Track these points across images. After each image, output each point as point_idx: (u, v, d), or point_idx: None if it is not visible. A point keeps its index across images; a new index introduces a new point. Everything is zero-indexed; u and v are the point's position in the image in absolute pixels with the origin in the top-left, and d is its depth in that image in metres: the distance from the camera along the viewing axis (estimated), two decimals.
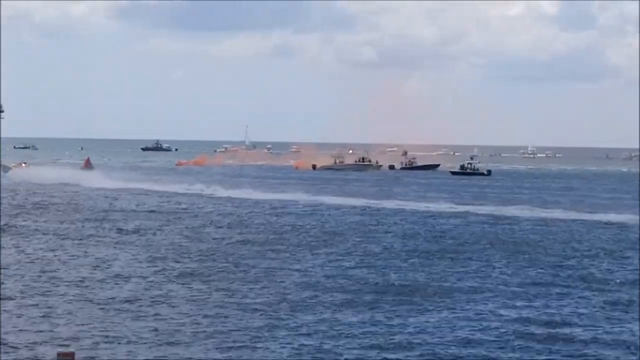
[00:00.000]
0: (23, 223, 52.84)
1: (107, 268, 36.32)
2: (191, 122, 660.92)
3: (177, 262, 38.42)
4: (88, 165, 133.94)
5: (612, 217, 63.55)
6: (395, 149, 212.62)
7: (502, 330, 25.61)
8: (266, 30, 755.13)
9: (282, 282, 33.23)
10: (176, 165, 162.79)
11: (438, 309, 28.69)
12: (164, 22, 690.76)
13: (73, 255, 39.78)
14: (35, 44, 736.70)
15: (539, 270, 37.55)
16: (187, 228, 52.38)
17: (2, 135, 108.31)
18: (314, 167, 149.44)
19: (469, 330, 25.49)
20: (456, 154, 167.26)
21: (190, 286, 32.30)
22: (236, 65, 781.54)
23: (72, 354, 14.61)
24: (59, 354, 14.57)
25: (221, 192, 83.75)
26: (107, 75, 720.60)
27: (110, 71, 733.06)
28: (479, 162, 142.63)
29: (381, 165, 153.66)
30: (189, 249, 42.80)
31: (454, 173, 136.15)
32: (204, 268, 36.57)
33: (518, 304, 29.75)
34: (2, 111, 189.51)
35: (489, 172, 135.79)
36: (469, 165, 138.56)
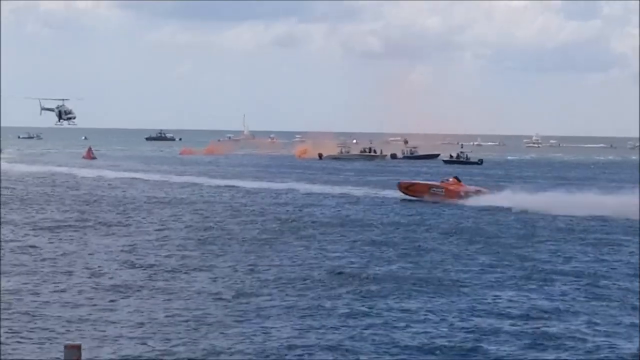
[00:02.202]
0: (22, 213, 52.62)
1: (113, 258, 36.20)
2: (191, 111, 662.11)
3: (183, 252, 38.34)
4: (90, 155, 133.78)
5: (608, 208, 62.08)
6: (398, 138, 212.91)
7: (494, 326, 25.10)
8: (270, 21, 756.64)
9: (278, 274, 32.99)
10: (180, 154, 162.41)
11: (429, 302, 28.29)
12: (167, 14, 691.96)
13: (78, 245, 39.64)
14: (40, 34, 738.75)
15: (529, 264, 36.59)
16: (195, 218, 52.32)
17: (8, 125, 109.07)
18: (320, 156, 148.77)
19: (461, 327, 24.96)
20: (460, 143, 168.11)
21: (198, 276, 32.20)
22: (239, 55, 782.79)
23: (78, 346, 14.51)
24: (66, 346, 14.48)
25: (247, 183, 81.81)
26: (110, 65, 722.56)
27: (113, 62, 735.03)
28: (470, 152, 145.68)
29: (386, 155, 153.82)
30: (198, 238, 42.74)
31: (446, 162, 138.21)
32: (207, 260, 36.46)
33: (510, 299, 29.06)
34: (75, 117, 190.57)
35: (481, 161, 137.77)
36: (462, 155, 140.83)
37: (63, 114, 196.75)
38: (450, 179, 66.76)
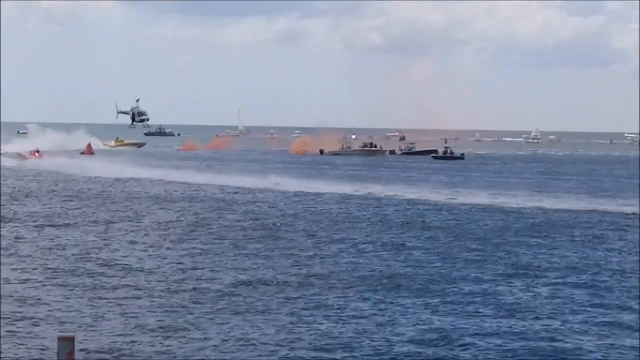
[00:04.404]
0: (19, 208, 52.60)
1: (108, 254, 36.35)
2: (190, 107, 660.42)
3: (181, 249, 38.52)
4: (89, 150, 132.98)
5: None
6: (397, 133, 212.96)
7: (484, 326, 24.94)
8: (272, 16, 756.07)
9: (274, 274, 32.91)
10: (180, 149, 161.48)
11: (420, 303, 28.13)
12: (168, 9, 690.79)
13: (74, 240, 39.81)
14: (42, 30, 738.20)
15: (518, 263, 36.04)
16: (192, 215, 52.37)
17: (6, 121, 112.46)
18: (321, 152, 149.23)
19: (453, 326, 24.83)
20: (445, 139, 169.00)
21: (193, 273, 32.41)
22: (241, 51, 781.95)
23: (72, 338, 14.63)
24: (59, 339, 14.59)
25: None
26: (112, 61, 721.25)
27: (115, 57, 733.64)
28: (454, 147, 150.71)
29: (385, 151, 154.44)
30: (193, 236, 42.81)
31: (435, 157, 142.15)
32: (207, 256, 36.69)
33: (503, 299, 28.73)
34: (148, 119, 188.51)
35: (462, 156, 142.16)
36: (447, 150, 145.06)
37: (136, 116, 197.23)
38: (33, 150, 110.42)
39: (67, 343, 14.39)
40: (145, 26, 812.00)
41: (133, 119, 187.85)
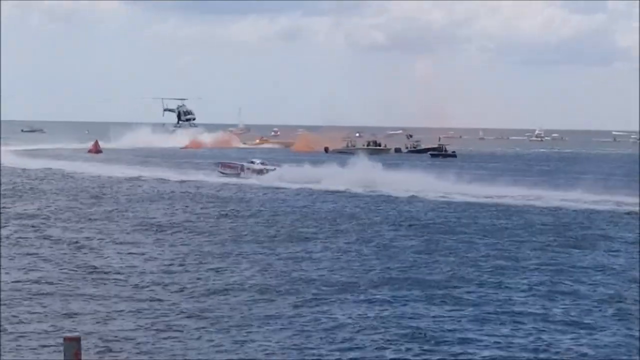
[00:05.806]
0: (21, 209, 52.57)
1: (110, 255, 36.54)
2: (190, 106, 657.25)
3: (185, 249, 38.80)
4: (96, 148, 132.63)
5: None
6: (400, 131, 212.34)
7: (473, 328, 24.85)
8: (273, 15, 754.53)
9: (269, 272, 33.07)
10: (184, 148, 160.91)
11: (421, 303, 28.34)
12: (169, 8, 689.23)
13: (78, 241, 39.92)
14: (43, 30, 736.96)
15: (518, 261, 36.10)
16: (194, 214, 52.59)
17: (11, 119, 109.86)
18: (326, 150, 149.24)
19: (452, 326, 24.91)
20: (439, 137, 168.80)
21: (195, 274, 32.63)
22: (242, 50, 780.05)
23: (78, 338, 14.82)
24: (65, 339, 14.78)
25: None
26: (114, 59, 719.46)
27: (115, 56, 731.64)
28: (448, 145, 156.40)
29: (390, 149, 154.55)
30: (194, 235, 43.11)
31: (432, 155, 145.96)
32: (209, 255, 36.91)
33: (499, 299, 28.74)
34: (194, 118, 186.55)
35: (454, 153, 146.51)
36: (442, 147, 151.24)
37: (182, 115, 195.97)
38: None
39: (73, 343, 14.62)
40: (145, 25, 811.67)
41: (179, 118, 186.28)
